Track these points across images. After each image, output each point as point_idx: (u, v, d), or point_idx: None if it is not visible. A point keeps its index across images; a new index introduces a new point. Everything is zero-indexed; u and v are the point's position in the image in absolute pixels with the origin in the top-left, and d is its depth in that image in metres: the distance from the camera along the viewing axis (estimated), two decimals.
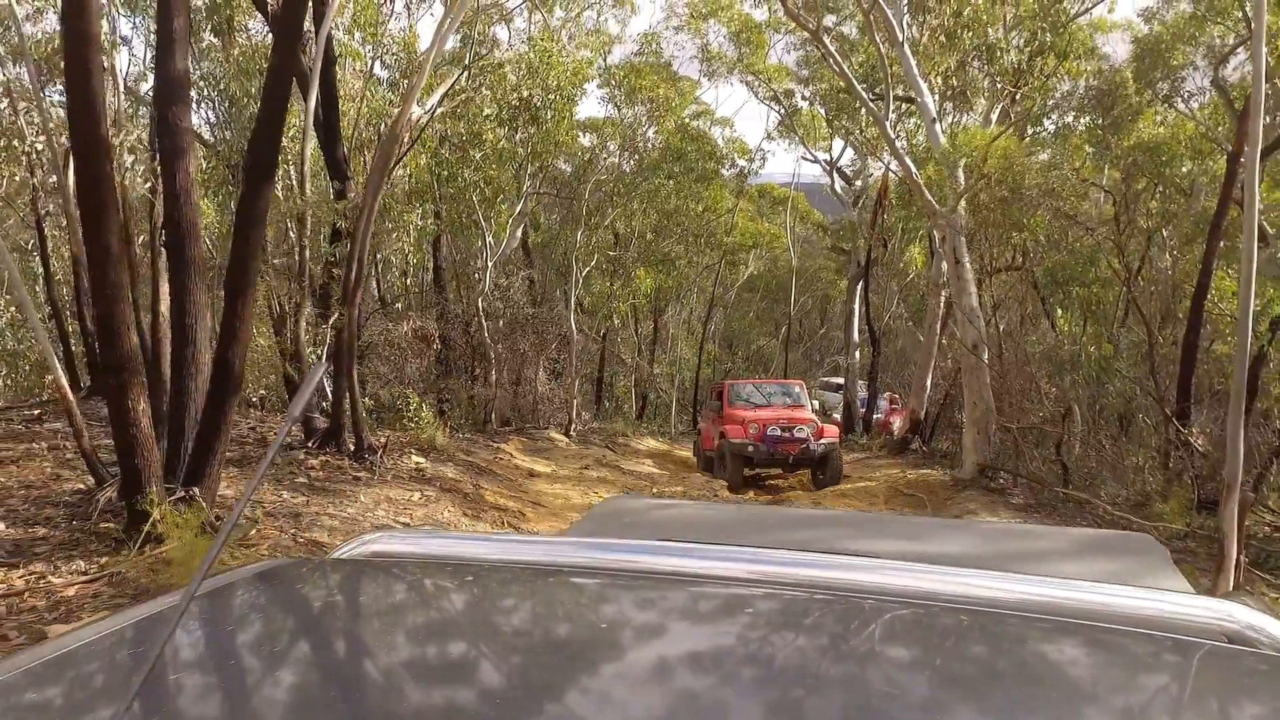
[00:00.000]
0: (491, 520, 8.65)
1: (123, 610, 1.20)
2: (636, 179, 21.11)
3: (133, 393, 5.60)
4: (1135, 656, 1.14)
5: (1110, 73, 18.58)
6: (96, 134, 5.15)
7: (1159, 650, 1.15)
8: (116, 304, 5.41)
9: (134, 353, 5.59)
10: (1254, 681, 1.09)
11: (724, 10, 27.38)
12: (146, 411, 5.71)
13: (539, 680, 1.03)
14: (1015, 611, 1.25)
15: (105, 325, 5.46)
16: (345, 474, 8.81)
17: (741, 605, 1.26)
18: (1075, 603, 1.30)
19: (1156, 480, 11.87)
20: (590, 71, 16.61)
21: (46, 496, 7.24)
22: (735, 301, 40.26)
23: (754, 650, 1.12)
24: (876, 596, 1.30)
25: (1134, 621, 1.24)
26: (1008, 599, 1.30)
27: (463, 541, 1.83)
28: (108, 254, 5.31)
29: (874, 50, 16.40)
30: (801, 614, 1.24)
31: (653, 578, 1.40)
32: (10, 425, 10.12)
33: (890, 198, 23.97)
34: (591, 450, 16.91)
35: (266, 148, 5.79)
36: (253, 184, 5.82)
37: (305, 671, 1.07)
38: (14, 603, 5.33)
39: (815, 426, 15.84)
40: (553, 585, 1.36)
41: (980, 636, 1.18)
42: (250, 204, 5.85)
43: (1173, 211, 16.55)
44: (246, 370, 8.06)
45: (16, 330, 15.09)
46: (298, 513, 7.13)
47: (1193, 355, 12.90)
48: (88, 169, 5.24)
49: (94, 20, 5.18)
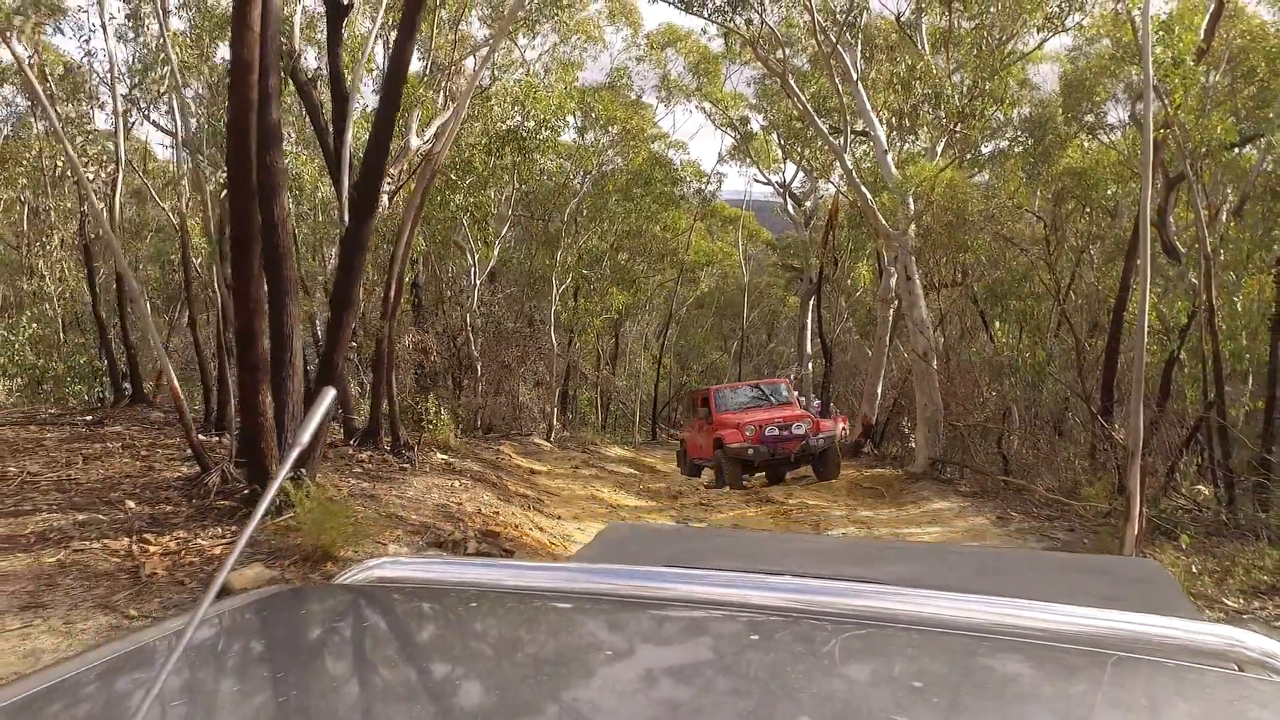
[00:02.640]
0: (520, 505, 9.98)
1: (127, 635, 1.23)
2: (607, 202, 22.57)
3: (261, 388, 6.87)
4: (1147, 683, 1.14)
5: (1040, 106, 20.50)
6: (247, 180, 6.46)
7: (1170, 677, 1.15)
8: (255, 317, 6.69)
9: (265, 356, 6.87)
10: (1266, 709, 1.09)
11: (682, 40, 29.07)
12: (271, 404, 6.97)
13: (548, 708, 1.04)
14: (1024, 639, 1.26)
15: (244, 333, 6.73)
16: (391, 466, 10.07)
17: (750, 631, 1.26)
18: (1085, 629, 1.30)
19: (1085, 469, 13.50)
20: (571, 105, 17.96)
21: (152, 483, 8.43)
22: (688, 317, 41.72)
23: (765, 676, 1.13)
24: (884, 623, 1.32)
25: (1144, 648, 1.24)
26: (1016, 625, 1.30)
27: (468, 567, 1.82)
28: (250, 276, 6.60)
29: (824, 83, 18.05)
30: (810, 640, 1.25)
31: (662, 604, 1.41)
32: (75, 429, 11.21)
33: (840, 219, 25.74)
34: (574, 454, 18.25)
35: (368, 189, 7.10)
36: (357, 219, 7.13)
37: (311, 699, 1.08)
38: (176, 559, 6.56)
39: (811, 421, 15.91)
40: (561, 611, 1.36)
41: (991, 663, 1.18)
42: (355, 235, 7.16)
43: (1097, 233, 18.43)
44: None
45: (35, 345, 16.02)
46: (372, 494, 8.40)
47: (1114, 361, 14.69)
48: (238, 207, 6.52)
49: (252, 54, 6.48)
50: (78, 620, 5.64)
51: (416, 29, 7.38)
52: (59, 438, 10.68)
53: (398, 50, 6.91)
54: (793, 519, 11.75)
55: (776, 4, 15.49)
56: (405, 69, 7.18)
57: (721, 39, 26.84)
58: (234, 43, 6.20)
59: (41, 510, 7.60)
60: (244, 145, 6.30)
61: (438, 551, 6.93)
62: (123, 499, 7.80)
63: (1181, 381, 15.08)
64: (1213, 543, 9.47)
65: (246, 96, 6.31)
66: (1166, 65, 10.87)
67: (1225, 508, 11.03)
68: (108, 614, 5.75)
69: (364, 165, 7.15)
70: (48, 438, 10.66)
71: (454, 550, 7.26)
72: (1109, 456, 13.59)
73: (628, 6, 23.44)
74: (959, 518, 11.38)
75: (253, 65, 6.26)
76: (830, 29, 15.30)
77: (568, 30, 19.56)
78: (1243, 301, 12.66)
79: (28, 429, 11.21)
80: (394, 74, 6.97)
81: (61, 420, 11.89)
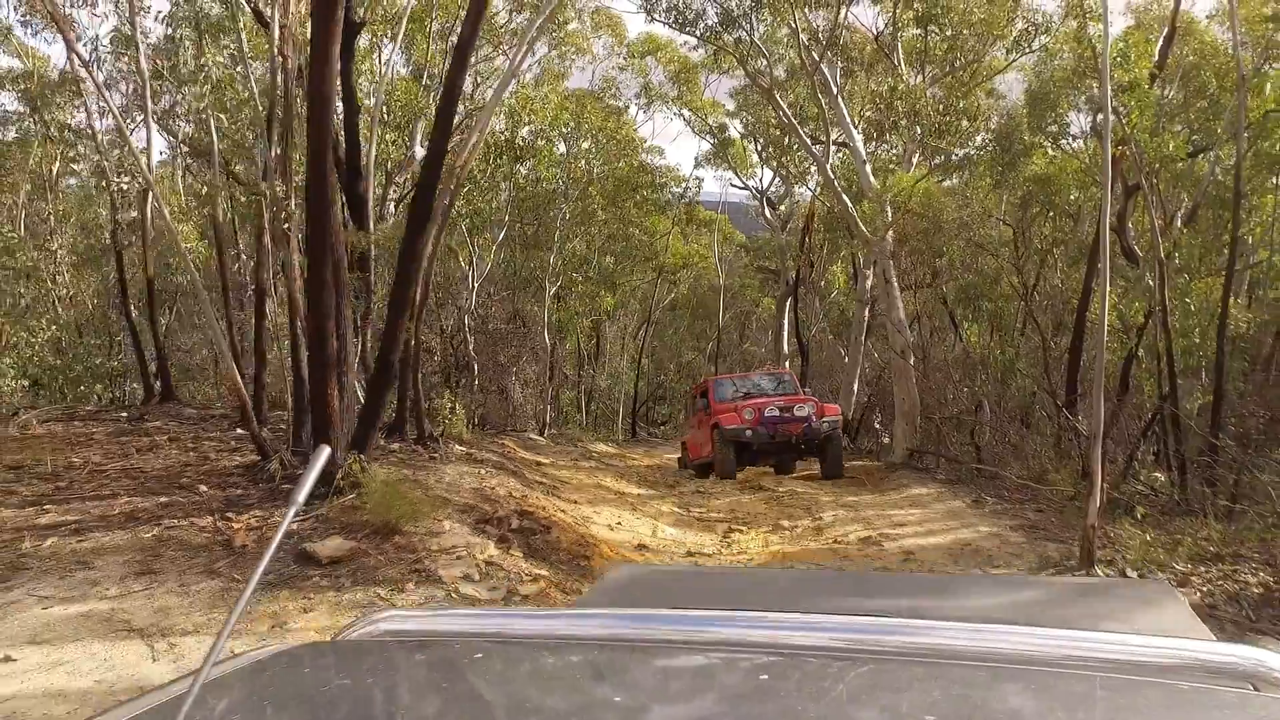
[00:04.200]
0: (540, 490, 10.89)
1: (129, 701, 1.24)
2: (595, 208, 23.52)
3: (331, 383, 7.73)
4: (1164, 706, 1.13)
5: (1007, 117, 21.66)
6: (325, 196, 7.31)
7: (1186, 699, 1.14)
8: (326, 319, 7.55)
9: (334, 354, 7.72)
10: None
11: (663, 49, 30.04)
12: (338, 397, 7.83)
13: None
14: (1036, 666, 1.26)
15: (317, 333, 7.59)
16: (420, 455, 10.93)
17: (760, 672, 1.25)
18: (1098, 654, 1.30)
19: (1051, 457, 14.58)
20: (565, 116, 18.85)
21: (214, 470, 9.25)
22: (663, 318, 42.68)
23: (778, 717, 1.11)
24: (895, 657, 1.32)
25: (1161, 670, 1.24)
26: (1028, 653, 1.30)
27: (473, 618, 1.80)
28: (324, 283, 7.46)
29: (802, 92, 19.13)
30: (821, 678, 1.24)
31: (671, 648, 1.40)
32: (117, 425, 11.97)
33: (817, 224, 26.84)
34: (570, 449, 19.15)
35: (423, 205, 7.97)
36: (414, 228, 8.00)
37: None
38: (259, 534, 7.40)
39: (815, 405, 15.10)
40: (570, 660, 1.36)
41: (1003, 693, 1.17)
42: (410, 247, 8.03)
43: (1060, 237, 19.59)
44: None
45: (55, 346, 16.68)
46: (414, 480, 9.26)
47: (1078, 357, 15.83)
48: (315, 224, 7.38)
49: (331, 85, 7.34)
50: (191, 584, 6.48)
51: (468, 64, 8.25)
52: (105, 432, 11.44)
53: (450, 82, 7.78)
54: (784, 504, 12.70)
55: (762, 22, 16.52)
56: (457, 97, 8.07)
57: (701, 50, 28.02)
58: (312, 79, 7.03)
59: (121, 495, 8.40)
60: (322, 169, 7.15)
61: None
62: (194, 484, 8.62)
63: (1140, 377, 16.25)
64: (1166, 520, 10.50)
65: (325, 126, 7.16)
66: (1124, 86, 12.01)
67: (1178, 489, 12.12)
68: (214, 579, 6.59)
69: (420, 182, 8.02)
70: (95, 433, 11.41)
71: (499, 525, 8.14)
72: (1073, 445, 14.66)
73: (612, 19, 24.35)
74: (937, 501, 12.38)
75: (331, 99, 7.12)
76: (813, 47, 16.32)
77: (561, 44, 20.49)
78: (1194, 303, 13.81)
79: (72, 425, 11.96)
80: (446, 103, 7.85)
81: (100, 417, 12.63)
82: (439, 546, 7.43)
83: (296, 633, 5.99)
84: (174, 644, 5.65)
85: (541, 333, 21.78)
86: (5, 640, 5.58)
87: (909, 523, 11.03)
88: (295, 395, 8.87)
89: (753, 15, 15.85)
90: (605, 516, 10.71)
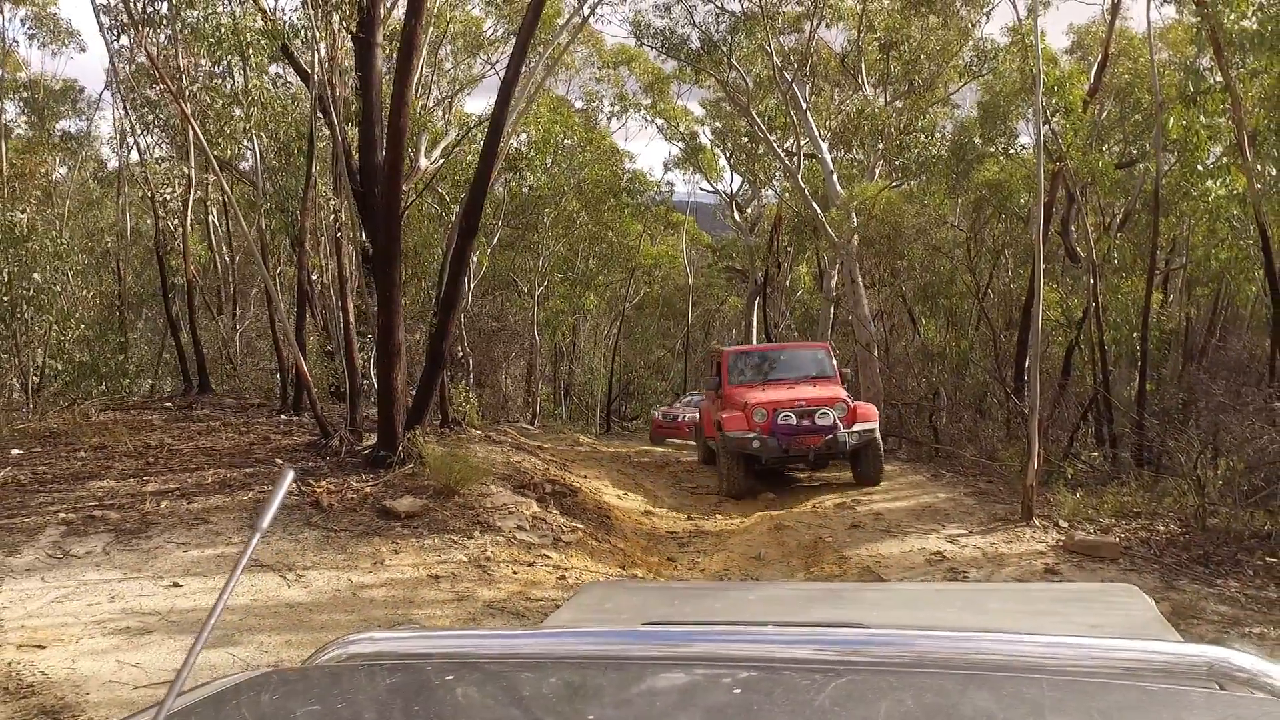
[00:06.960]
0: (558, 465, 12.37)
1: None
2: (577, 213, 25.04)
3: (395, 371, 9.15)
4: (1132, 707, 1.14)
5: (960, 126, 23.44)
6: (395, 210, 8.74)
7: (1154, 700, 1.16)
8: (395, 315, 8.97)
9: (400, 345, 9.14)
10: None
11: (635, 60, 31.57)
12: (402, 382, 9.25)
13: None
14: (1011, 672, 1.27)
15: (385, 327, 9.00)
16: (447, 435, 12.34)
17: (735, 687, 1.23)
18: (1068, 657, 1.31)
19: (1001, 438, 16.28)
20: (557, 129, 20.28)
21: (280, 448, 10.62)
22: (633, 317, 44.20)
23: None
24: (870, 666, 1.32)
25: (1130, 672, 1.26)
26: (1003, 659, 1.31)
27: (446, 638, 1.71)
28: (393, 284, 8.89)
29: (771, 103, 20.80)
30: (798, 691, 1.23)
31: (645, 664, 1.39)
32: (168, 413, 13.26)
33: (784, 227, 28.52)
34: (561, 436, 20.63)
35: (472, 219, 9.40)
36: (462, 239, 9.43)
37: None
38: (339, 496, 8.80)
39: (845, 408, 12.47)
40: (544, 680, 1.34)
41: (982, 698, 1.17)
42: (460, 253, 9.46)
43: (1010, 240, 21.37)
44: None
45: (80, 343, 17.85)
46: (454, 454, 10.69)
47: (1025, 350, 17.56)
48: (387, 233, 8.80)
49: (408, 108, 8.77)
50: (296, 533, 7.89)
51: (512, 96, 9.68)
52: (161, 419, 12.74)
53: (498, 110, 9.18)
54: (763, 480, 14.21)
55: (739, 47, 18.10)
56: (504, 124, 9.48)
57: (671, 63, 29.59)
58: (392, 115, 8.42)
59: (207, 468, 9.76)
60: (396, 186, 8.57)
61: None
62: (269, 457, 10.00)
63: (1081, 367, 18.05)
64: (1099, 488, 12.17)
65: (400, 151, 8.58)
66: (1061, 109, 13.74)
67: (1109, 462, 13.85)
68: (314, 529, 8.01)
69: (469, 198, 9.43)
70: (152, 420, 12.70)
71: (535, 490, 9.62)
72: (1020, 428, 16.38)
73: (593, 35, 25.81)
74: (900, 476, 13.97)
75: (405, 130, 8.55)
76: (785, 67, 17.93)
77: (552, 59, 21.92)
78: (1125, 300, 15.59)
79: (128, 414, 13.23)
80: (492, 136, 9.26)
81: (150, 406, 13.90)
82: (492, 504, 8.89)
83: (393, 567, 7.43)
84: (300, 575, 7.08)
85: (529, 330, 23.22)
86: (168, 572, 6.98)
87: (876, 492, 12.57)
88: (350, 383, 10.26)
89: (730, 40, 17.43)
90: (615, 491, 12.22)
